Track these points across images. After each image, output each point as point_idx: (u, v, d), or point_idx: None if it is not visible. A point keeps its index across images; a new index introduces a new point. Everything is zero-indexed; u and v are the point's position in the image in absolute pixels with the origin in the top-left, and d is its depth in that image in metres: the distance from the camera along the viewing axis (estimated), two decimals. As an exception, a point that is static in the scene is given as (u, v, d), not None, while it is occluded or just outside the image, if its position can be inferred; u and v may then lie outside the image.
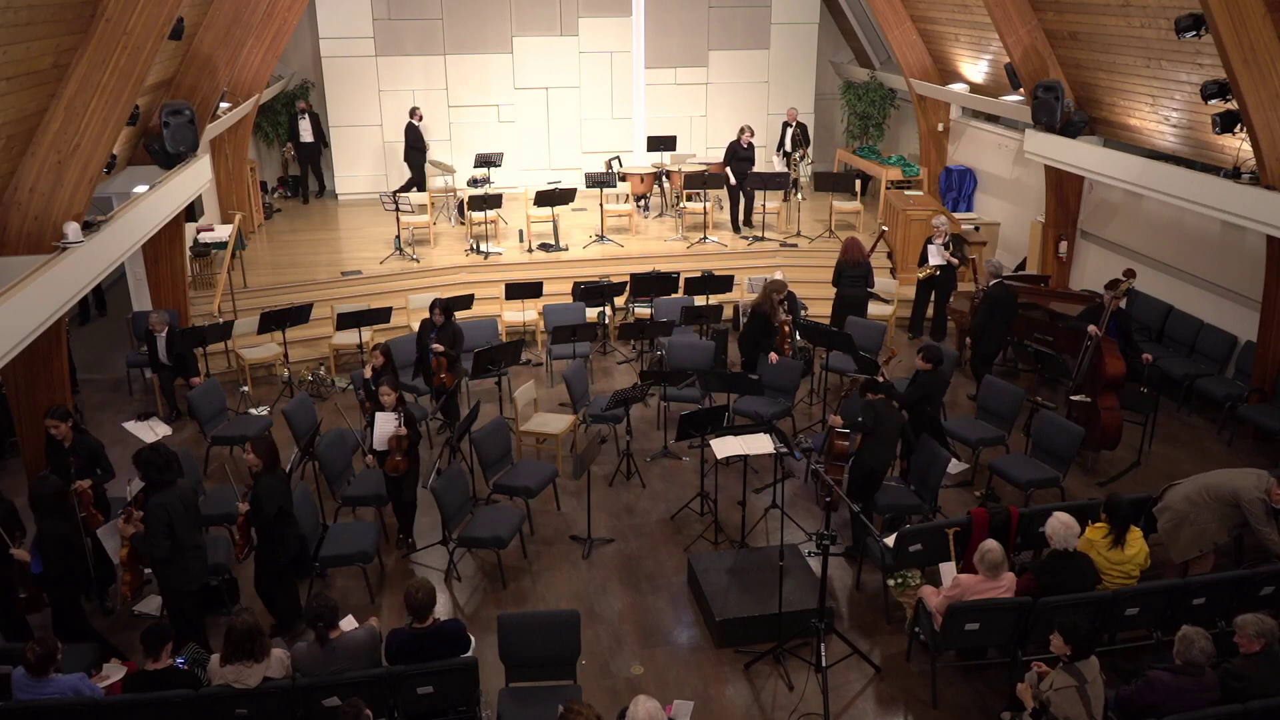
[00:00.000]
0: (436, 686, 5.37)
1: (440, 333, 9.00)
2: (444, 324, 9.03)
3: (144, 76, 7.66)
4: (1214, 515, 6.48)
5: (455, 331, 9.17)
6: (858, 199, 14.42)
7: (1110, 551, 6.17)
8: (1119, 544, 6.16)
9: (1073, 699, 4.96)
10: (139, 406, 10.05)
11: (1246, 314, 9.54)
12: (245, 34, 11.04)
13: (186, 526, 6.08)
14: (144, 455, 6.05)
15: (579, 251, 13.43)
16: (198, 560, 6.24)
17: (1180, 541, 6.57)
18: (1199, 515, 6.51)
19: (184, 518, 6.05)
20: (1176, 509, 6.59)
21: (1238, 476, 6.53)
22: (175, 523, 5.96)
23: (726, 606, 6.71)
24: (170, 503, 5.98)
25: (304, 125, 16.00)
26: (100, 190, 9.08)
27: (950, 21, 13.50)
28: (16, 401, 7.84)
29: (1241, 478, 6.50)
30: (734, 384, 8.86)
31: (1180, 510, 6.57)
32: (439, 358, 8.94)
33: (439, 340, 8.94)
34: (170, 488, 6.04)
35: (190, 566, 6.15)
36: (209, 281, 12.18)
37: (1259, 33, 7.67)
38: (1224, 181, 8.65)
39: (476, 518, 7.45)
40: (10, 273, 6.59)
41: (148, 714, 5.17)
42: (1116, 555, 6.16)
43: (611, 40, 16.33)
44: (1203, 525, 6.50)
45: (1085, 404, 8.64)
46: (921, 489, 7.60)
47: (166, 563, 6.05)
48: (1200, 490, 6.55)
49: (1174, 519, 6.59)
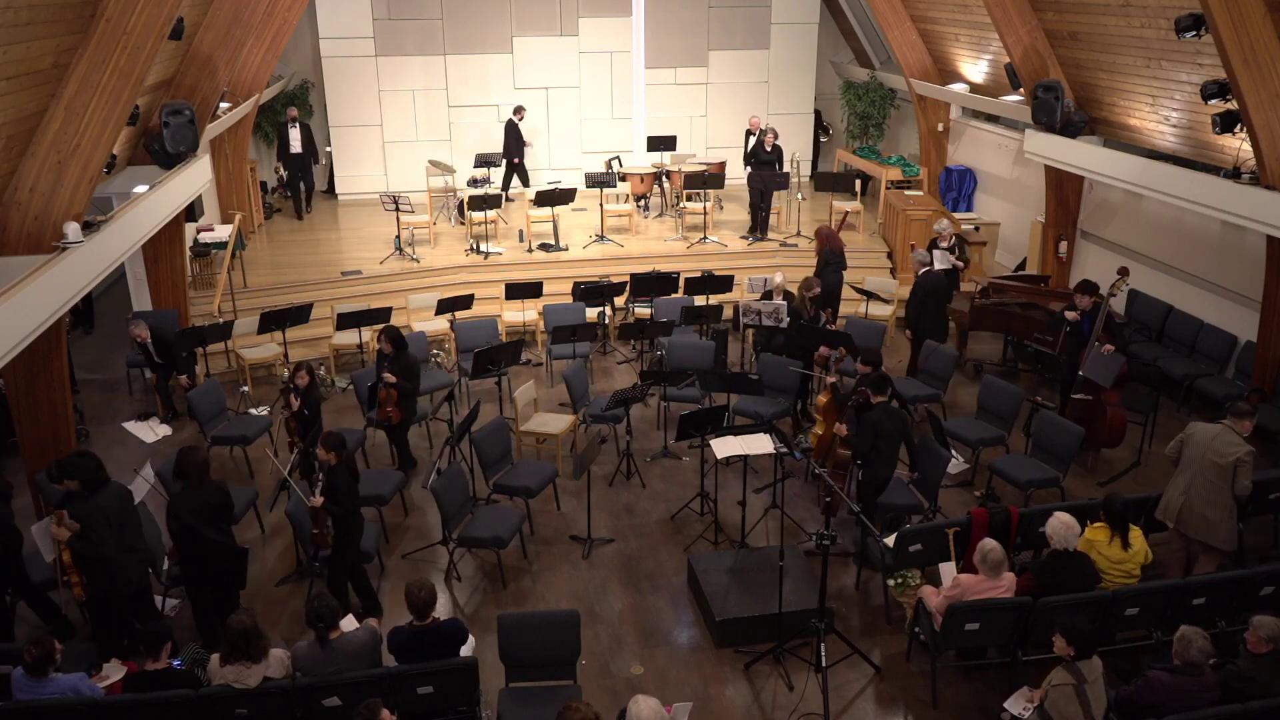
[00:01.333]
0: (436, 686, 5.37)
1: (393, 364, 8.30)
2: (394, 354, 8.31)
3: (144, 76, 7.66)
4: (1221, 485, 6.52)
5: (410, 364, 8.46)
6: (858, 199, 14.42)
7: (1111, 550, 6.17)
8: (1122, 544, 6.16)
9: (1069, 697, 4.97)
10: (139, 406, 10.05)
11: (1246, 314, 9.55)
12: (245, 34, 11.03)
13: (126, 528, 6.07)
14: (72, 461, 6.03)
15: (579, 251, 13.43)
16: (138, 564, 6.19)
17: (1212, 526, 6.59)
18: (1215, 497, 6.53)
19: (121, 519, 6.05)
20: (1195, 510, 6.60)
21: (1215, 447, 6.53)
22: (115, 524, 5.96)
23: (726, 606, 6.70)
24: (108, 504, 5.97)
25: (294, 135, 15.04)
26: (100, 190, 9.08)
27: (950, 21, 13.50)
28: (16, 401, 7.83)
29: (1221, 446, 6.51)
30: (734, 384, 8.86)
31: (1196, 511, 6.60)
32: (389, 389, 8.22)
33: (391, 371, 8.25)
34: (105, 488, 6.02)
35: (129, 570, 6.09)
36: (209, 281, 12.18)
37: (1259, 33, 7.67)
38: (1224, 181, 8.64)
39: (476, 518, 7.45)
40: (10, 273, 6.59)
41: (148, 714, 5.17)
42: (1117, 554, 6.16)
43: (611, 40, 16.33)
44: (1218, 502, 6.54)
45: (1087, 402, 8.63)
46: (921, 488, 7.61)
47: (105, 564, 5.98)
48: (1197, 480, 6.57)
49: (1192, 516, 6.61)
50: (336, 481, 6.41)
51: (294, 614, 6.96)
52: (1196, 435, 6.68)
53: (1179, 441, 6.80)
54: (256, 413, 9.68)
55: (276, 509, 8.13)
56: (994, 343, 11.45)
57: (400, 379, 8.26)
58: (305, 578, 7.24)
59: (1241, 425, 6.54)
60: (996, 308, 10.71)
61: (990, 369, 10.72)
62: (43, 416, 7.83)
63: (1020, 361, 10.81)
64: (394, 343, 8.32)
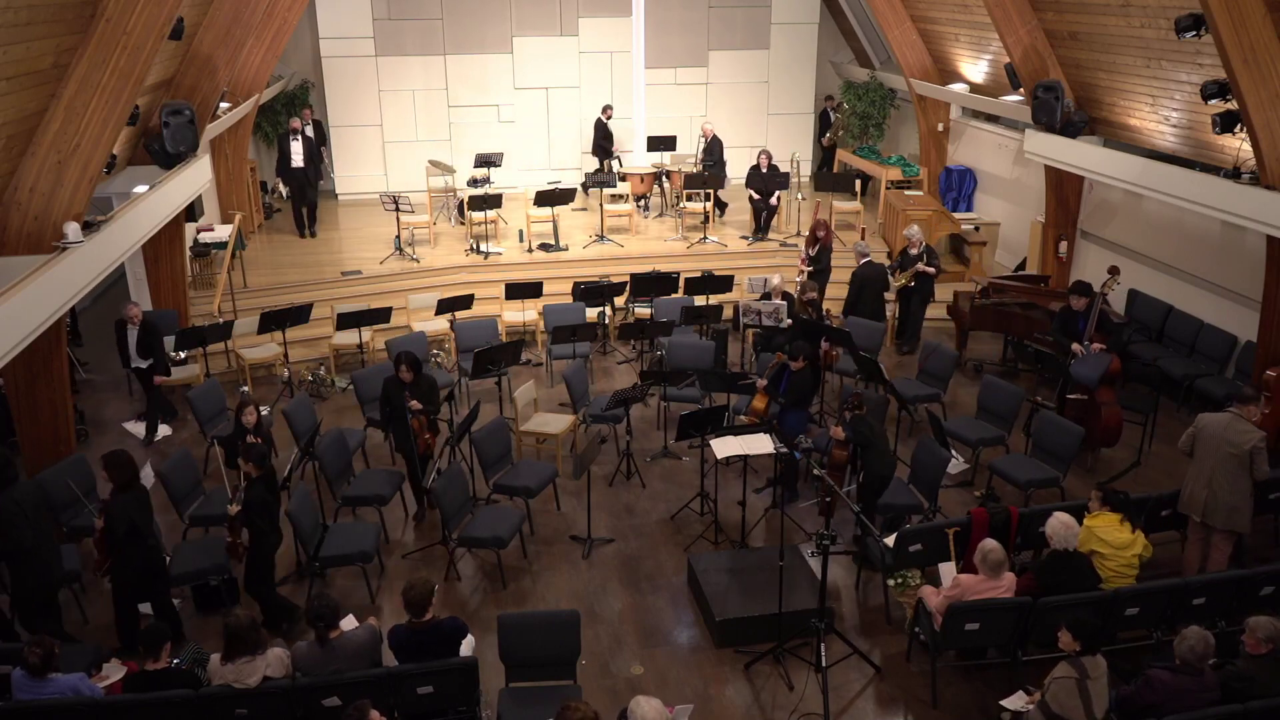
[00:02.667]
0: (436, 686, 5.37)
1: (413, 389, 7.90)
2: (414, 379, 7.94)
3: (144, 76, 7.66)
4: (1240, 473, 6.57)
5: (430, 384, 8.11)
6: (858, 199, 14.42)
7: (1112, 535, 6.19)
8: (1129, 528, 6.19)
9: (1070, 690, 4.97)
10: (139, 406, 10.04)
11: (1246, 314, 9.54)
12: (245, 34, 11.03)
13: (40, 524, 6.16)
14: None
15: (579, 251, 13.43)
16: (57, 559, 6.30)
17: (1238, 513, 6.63)
18: (1237, 485, 6.57)
19: (36, 514, 6.14)
20: (1221, 501, 6.63)
21: (1228, 436, 6.56)
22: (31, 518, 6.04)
23: (726, 606, 6.70)
24: (23, 498, 6.06)
25: (296, 148, 13.90)
26: (100, 190, 9.08)
27: (950, 21, 13.50)
28: (16, 401, 7.84)
29: (1234, 435, 6.55)
30: (734, 384, 8.86)
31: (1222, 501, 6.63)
32: (417, 417, 7.86)
33: (413, 397, 7.87)
34: (14, 485, 6.09)
35: (52, 563, 6.21)
36: (209, 281, 12.18)
37: (1259, 33, 7.67)
38: (1224, 181, 8.64)
39: (476, 518, 7.45)
40: (10, 273, 6.59)
41: (148, 714, 5.17)
42: (1123, 539, 6.17)
43: (611, 40, 16.33)
44: (1241, 490, 6.59)
45: (1083, 401, 8.63)
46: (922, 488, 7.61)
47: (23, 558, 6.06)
48: (1218, 471, 6.60)
49: (1218, 507, 6.65)
50: (254, 495, 6.34)
51: (294, 614, 6.95)
52: (1208, 427, 6.71)
53: (1190, 434, 6.83)
54: (256, 413, 9.68)
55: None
56: (994, 343, 11.46)
57: (425, 403, 7.94)
58: (305, 578, 7.23)
59: (1248, 411, 6.59)
60: (996, 308, 10.72)
61: (990, 369, 10.72)
62: (43, 416, 7.84)
63: (1020, 361, 10.81)
64: (413, 367, 7.93)
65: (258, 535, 6.44)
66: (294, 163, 13.91)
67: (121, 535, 6.15)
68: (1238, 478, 6.58)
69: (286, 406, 8.57)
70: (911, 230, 11.18)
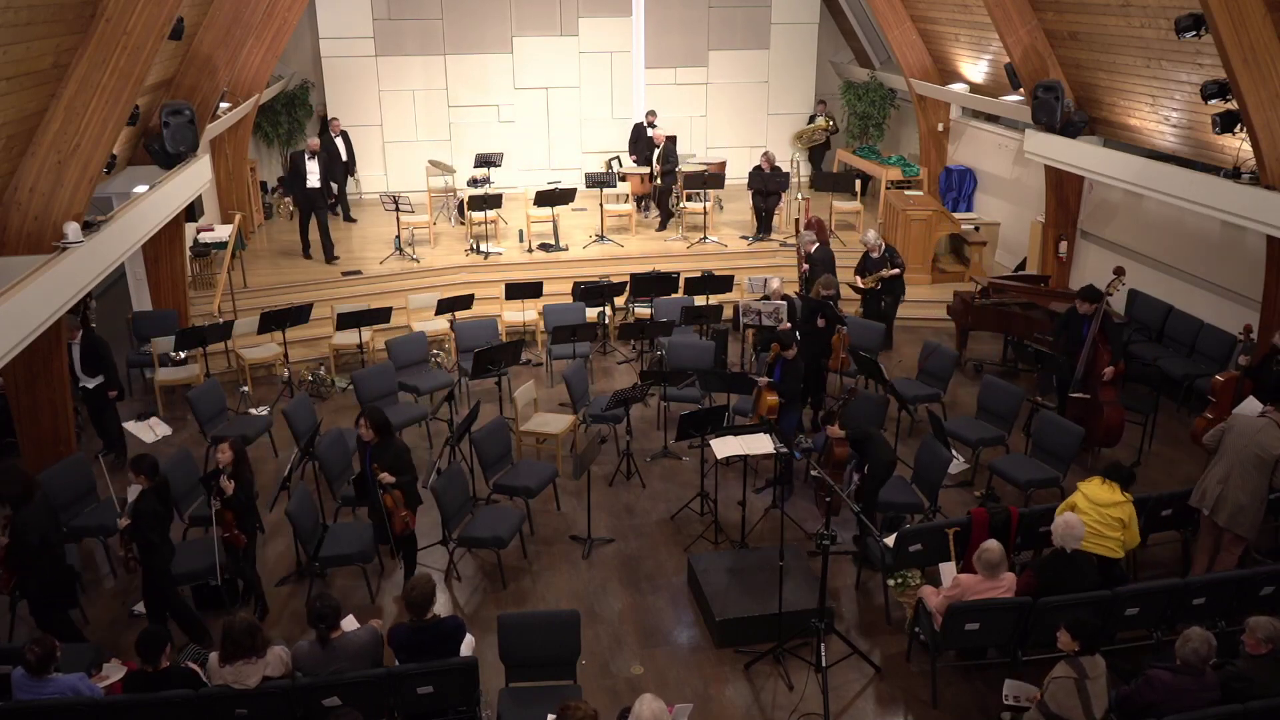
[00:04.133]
0: (436, 686, 5.37)
1: (377, 452, 6.66)
2: (381, 441, 6.69)
3: (144, 76, 7.66)
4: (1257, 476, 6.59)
5: (399, 450, 6.80)
6: (858, 199, 14.42)
7: (1097, 492, 6.27)
8: (1116, 491, 6.27)
9: (1069, 690, 4.97)
10: (139, 406, 10.04)
11: (1246, 314, 9.53)
12: (245, 34, 11.03)
13: (58, 528, 6.22)
14: None
15: (579, 251, 13.43)
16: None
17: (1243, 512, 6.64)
18: (1249, 485, 6.58)
19: (52, 520, 6.18)
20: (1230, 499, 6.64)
21: (1260, 440, 6.56)
22: (50, 524, 6.08)
23: (726, 606, 6.70)
24: (41, 506, 6.11)
25: (312, 167, 12.54)
26: (100, 190, 9.08)
27: (950, 21, 13.50)
28: (16, 401, 7.84)
29: (1267, 440, 6.55)
30: (734, 384, 8.86)
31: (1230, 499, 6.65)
32: (389, 493, 6.61)
33: (378, 463, 6.59)
34: (35, 496, 6.12)
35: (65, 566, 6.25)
36: (209, 281, 12.18)
37: (1259, 33, 7.67)
38: (1224, 181, 8.65)
39: (476, 518, 7.45)
40: (10, 273, 6.59)
41: (148, 714, 5.17)
42: (1106, 497, 6.24)
43: (611, 40, 16.33)
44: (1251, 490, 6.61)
45: (1084, 401, 8.63)
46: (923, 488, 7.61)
47: (51, 563, 6.10)
48: (1236, 469, 6.61)
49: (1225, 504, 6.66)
50: (144, 507, 6.19)
51: (294, 614, 6.95)
52: (1239, 426, 6.71)
53: (1220, 430, 6.83)
54: (256, 413, 9.68)
55: (276, 509, 8.12)
56: (994, 343, 11.45)
57: (398, 473, 6.69)
58: (305, 578, 7.23)
59: None
60: (996, 308, 10.72)
61: (990, 369, 10.72)
62: (43, 416, 7.84)
63: (1020, 361, 10.81)
64: (378, 428, 6.72)
65: (147, 548, 6.25)
66: (309, 183, 12.60)
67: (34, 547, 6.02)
68: (1254, 479, 6.56)
69: (286, 406, 8.56)
70: (868, 236, 11.12)
